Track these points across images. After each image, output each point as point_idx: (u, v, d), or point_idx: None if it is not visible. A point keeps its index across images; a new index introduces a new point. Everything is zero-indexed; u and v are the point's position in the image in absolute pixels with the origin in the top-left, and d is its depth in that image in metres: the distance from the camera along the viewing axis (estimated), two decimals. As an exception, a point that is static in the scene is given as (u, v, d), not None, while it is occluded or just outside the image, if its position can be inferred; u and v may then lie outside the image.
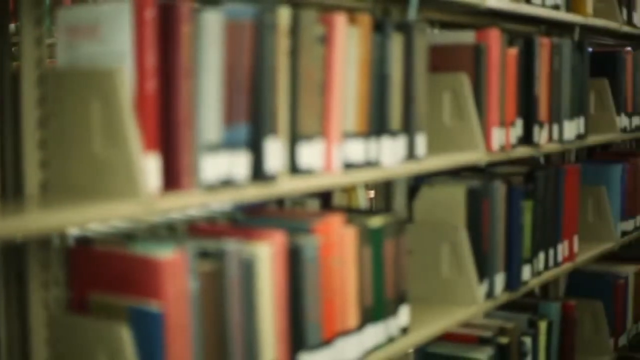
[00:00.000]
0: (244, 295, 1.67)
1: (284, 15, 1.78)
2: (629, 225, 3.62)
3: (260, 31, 1.70)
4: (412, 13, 2.32)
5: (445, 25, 2.97)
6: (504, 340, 2.65)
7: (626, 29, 3.58)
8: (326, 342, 1.87)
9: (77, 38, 1.61)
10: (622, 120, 3.51)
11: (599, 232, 3.45)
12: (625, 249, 4.05)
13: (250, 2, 1.70)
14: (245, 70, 1.68)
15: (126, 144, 1.48)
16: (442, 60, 2.47)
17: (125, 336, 1.50)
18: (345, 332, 1.93)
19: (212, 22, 1.61)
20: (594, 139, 3.25)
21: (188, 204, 1.60)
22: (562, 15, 3.00)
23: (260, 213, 2.05)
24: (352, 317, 1.95)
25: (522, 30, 3.16)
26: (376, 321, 2.04)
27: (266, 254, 1.71)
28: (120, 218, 1.49)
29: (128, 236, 1.78)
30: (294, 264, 1.78)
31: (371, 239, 2.01)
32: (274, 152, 1.73)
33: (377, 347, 2.05)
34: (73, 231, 1.74)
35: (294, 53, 1.81)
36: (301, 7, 1.84)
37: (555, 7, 2.93)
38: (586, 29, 3.39)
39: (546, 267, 2.89)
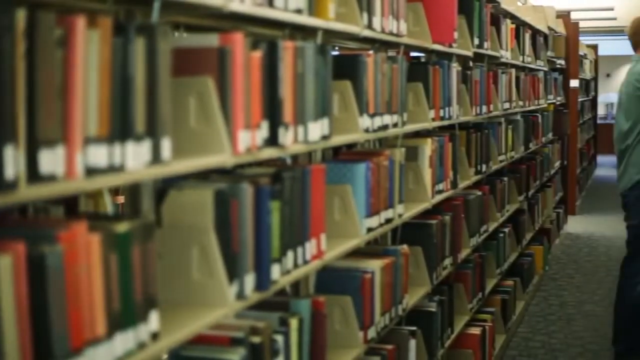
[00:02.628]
0: (-17, 309, 1.61)
1: (19, 17, 1.72)
2: (373, 221, 3.75)
3: (-6, 34, 1.64)
4: (156, 16, 2.31)
5: (191, 29, 2.97)
6: (256, 339, 2.68)
7: (367, 32, 3.71)
8: (74, 352, 1.83)
9: None
10: (365, 121, 3.63)
11: (346, 229, 3.56)
12: (371, 245, 4.21)
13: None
14: (-22, 75, 1.61)
15: None
16: (186, 63, 2.47)
17: None
18: (94, 341, 1.90)
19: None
20: (338, 140, 3.35)
21: None
22: (305, 20, 3.07)
23: (0, 222, 1.98)
24: (100, 325, 1.92)
25: (267, 34, 3.22)
26: (126, 328, 2.02)
27: (6, 265, 1.65)
28: None
29: None
30: (37, 274, 1.73)
31: (117, 245, 1.98)
32: (12, 159, 1.67)
33: (128, 354, 2.03)
34: None
35: (31, 56, 1.75)
36: (38, 9, 1.78)
37: (298, 11, 3.00)
38: (329, 33, 3.49)
39: (295, 266, 2.94)
